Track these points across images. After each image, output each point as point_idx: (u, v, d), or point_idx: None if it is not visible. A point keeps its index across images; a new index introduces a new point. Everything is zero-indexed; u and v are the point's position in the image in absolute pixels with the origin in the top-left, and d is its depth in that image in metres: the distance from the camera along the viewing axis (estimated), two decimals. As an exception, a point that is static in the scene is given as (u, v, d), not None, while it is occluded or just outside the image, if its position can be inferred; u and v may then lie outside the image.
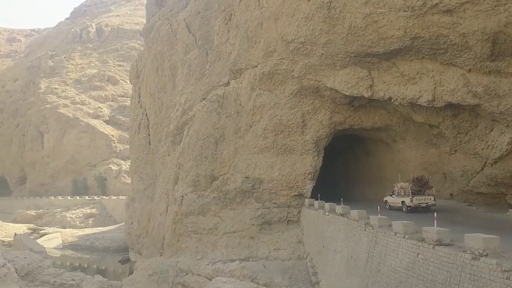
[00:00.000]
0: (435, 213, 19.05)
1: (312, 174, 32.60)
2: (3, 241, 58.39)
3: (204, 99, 38.37)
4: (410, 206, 25.97)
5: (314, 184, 32.96)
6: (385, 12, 21.64)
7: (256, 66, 32.39)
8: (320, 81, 28.60)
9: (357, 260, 21.95)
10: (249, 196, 33.60)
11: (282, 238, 32.41)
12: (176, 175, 39.84)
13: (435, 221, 17.53)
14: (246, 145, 33.79)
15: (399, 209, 26.95)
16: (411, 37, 21.78)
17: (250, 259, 31.57)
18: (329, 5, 23.74)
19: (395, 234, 18.93)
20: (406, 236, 18.12)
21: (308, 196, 32.62)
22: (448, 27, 20.21)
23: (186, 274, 33.49)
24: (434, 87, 23.19)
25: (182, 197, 37.03)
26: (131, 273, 41.04)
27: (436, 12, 19.96)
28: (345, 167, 42.71)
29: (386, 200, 28.74)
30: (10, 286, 8.02)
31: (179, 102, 42.19)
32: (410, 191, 26.23)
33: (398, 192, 27.26)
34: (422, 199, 26.11)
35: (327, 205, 28.10)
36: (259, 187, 33.29)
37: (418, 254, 16.93)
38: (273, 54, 30.30)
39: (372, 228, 21.13)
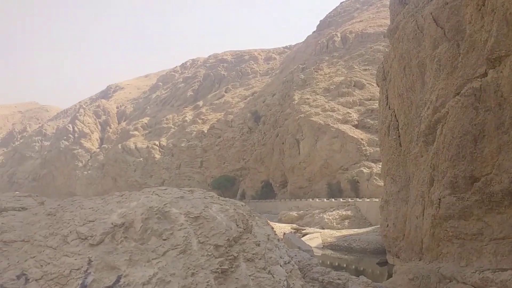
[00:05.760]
0: None
1: None
2: (277, 239, 65.39)
3: (457, 94, 35.61)
4: None
5: None
6: None
7: (520, 51, 28.60)
8: None
9: None
10: (519, 199, 29.70)
11: None
12: (431, 177, 37.99)
13: None
14: (512, 141, 30.03)
15: None
16: None
17: (526, 270, 27.79)
18: None
19: None
20: None
21: None
22: None
23: (450, 282, 31.48)
24: None
25: (439, 199, 35.03)
26: (389, 276, 40.86)
27: None
28: None
29: None
30: (295, 282, 8.93)
31: (430, 100, 40.22)
32: None
33: None
34: None
35: None
36: (531, 188, 29.11)
37: None
38: (541, 34, 26.26)
39: None
